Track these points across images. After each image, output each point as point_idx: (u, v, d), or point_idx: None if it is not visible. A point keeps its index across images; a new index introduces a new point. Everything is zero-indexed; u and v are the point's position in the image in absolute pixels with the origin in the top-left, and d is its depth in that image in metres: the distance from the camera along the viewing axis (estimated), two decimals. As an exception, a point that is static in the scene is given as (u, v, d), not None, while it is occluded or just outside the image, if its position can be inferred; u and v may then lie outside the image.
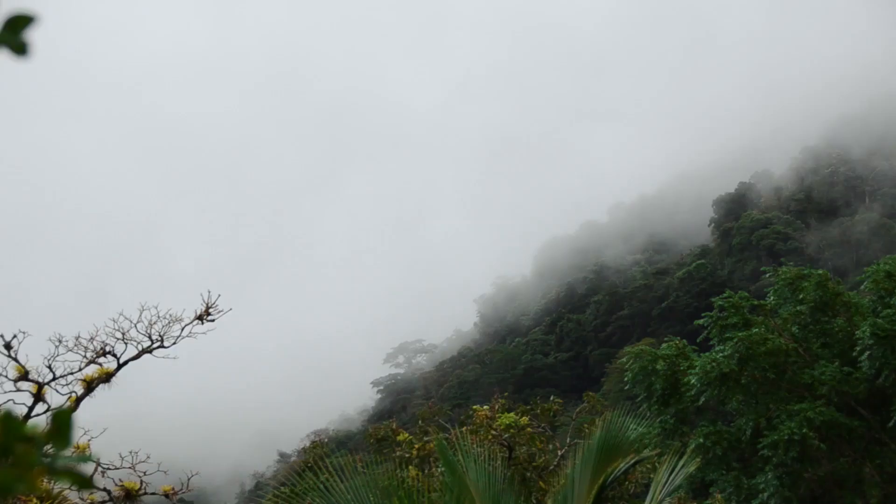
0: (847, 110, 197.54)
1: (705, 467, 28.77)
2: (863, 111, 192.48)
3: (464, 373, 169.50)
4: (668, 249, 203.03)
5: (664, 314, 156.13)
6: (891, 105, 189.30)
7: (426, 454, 21.43)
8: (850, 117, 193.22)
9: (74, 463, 1.87)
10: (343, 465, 10.10)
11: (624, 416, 11.28)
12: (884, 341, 27.82)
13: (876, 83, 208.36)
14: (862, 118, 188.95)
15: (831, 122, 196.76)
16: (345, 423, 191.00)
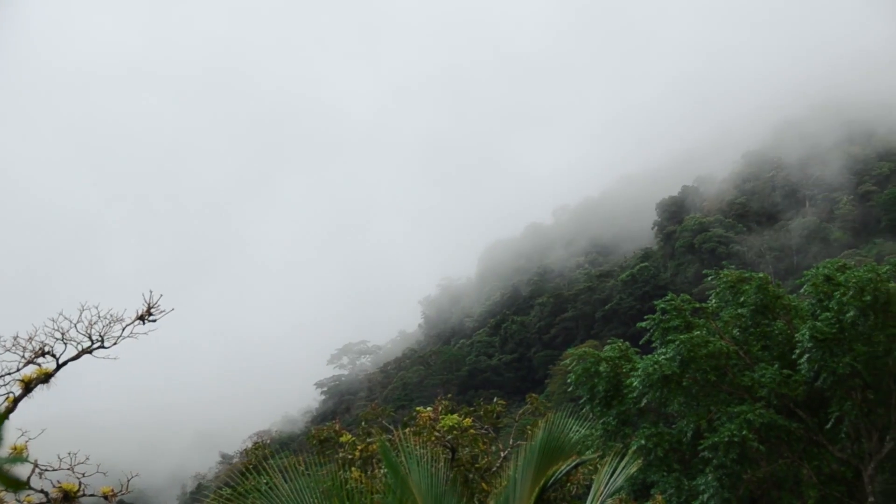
0: (787, 116, 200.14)
1: (647, 469, 28.97)
2: (802, 117, 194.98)
3: (408, 374, 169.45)
4: (611, 252, 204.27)
5: (608, 316, 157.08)
6: (829, 112, 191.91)
7: (369, 455, 21.35)
8: (790, 123, 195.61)
9: (9, 464, 1.84)
10: (285, 467, 10.05)
11: (566, 417, 11.31)
12: (822, 344, 28.17)
13: (816, 90, 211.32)
14: (801, 124, 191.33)
15: (772, 128, 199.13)
16: (288, 424, 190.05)
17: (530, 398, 27.26)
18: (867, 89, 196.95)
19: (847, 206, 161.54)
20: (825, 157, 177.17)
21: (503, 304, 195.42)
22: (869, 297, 28.20)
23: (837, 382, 28.34)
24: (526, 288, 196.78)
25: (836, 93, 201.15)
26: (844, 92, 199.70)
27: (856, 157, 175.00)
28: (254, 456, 26.95)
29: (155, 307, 13.64)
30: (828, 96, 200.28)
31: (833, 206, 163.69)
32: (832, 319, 28.65)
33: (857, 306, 28.29)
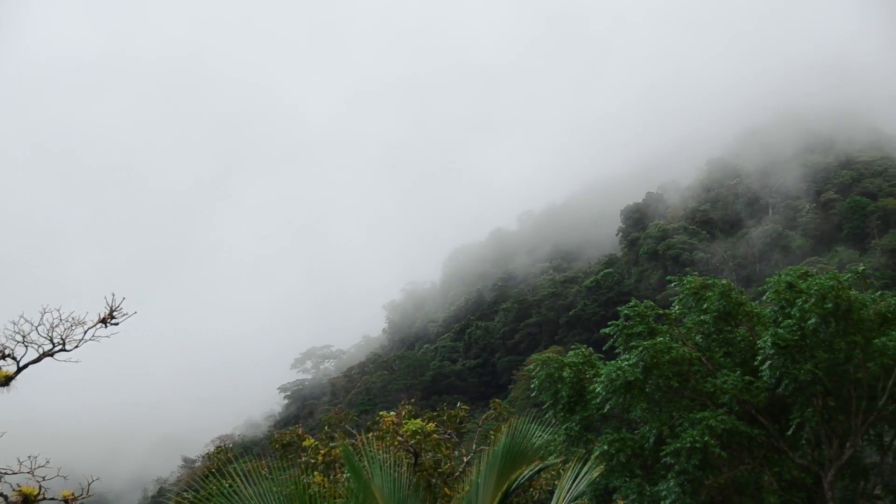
0: (750, 125, 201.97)
1: (609, 474, 29.02)
2: (765, 126, 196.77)
3: (371, 379, 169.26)
4: (576, 258, 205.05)
5: (572, 322, 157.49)
6: (789, 121, 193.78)
7: (332, 460, 21.30)
8: (752, 132, 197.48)
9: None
10: (248, 471, 9.98)
11: (529, 422, 11.31)
12: (784, 351, 28.32)
13: (778, 100, 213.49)
14: (764, 133, 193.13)
15: (735, 136, 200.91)
16: (251, 428, 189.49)
17: (494, 403, 27.30)
18: (827, 99, 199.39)
19: (809, 214, 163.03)
20: (787, 166, 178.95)
21: (467, 310, 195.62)
22: (830, 304, 28.37)
23: (799, 389, 28.50)
24: (490, 293, 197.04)
25: (797, 103, 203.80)
26: (804, 102, 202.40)
27: (816, 165, 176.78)
28: (216, 460, 26.81)
29: (117, 310, 13.52)
30: (789, 106, 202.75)
31: (795, 213, 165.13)
32: (794, 326, 28.79)
33: (819, 314, 28.45)
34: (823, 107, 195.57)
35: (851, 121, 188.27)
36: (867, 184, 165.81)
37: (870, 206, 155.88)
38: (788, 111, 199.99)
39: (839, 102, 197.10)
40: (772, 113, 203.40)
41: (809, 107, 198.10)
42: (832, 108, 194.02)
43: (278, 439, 24.12)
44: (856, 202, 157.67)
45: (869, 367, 29.31)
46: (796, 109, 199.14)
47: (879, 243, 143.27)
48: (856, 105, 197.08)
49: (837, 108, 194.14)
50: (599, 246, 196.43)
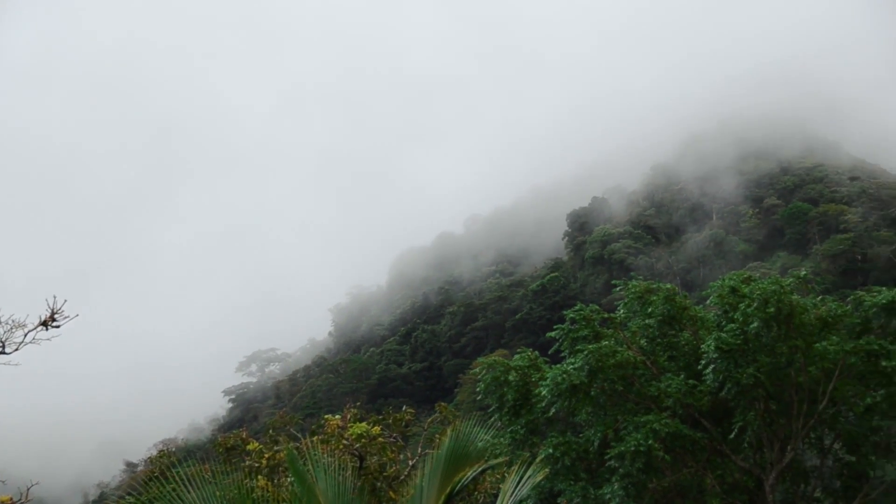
0: (694, 130, 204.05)
1: (554, 477, 29.07)
2: (708, 131, 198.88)
3: (317, 382, 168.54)
4: (522, 262, 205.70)
5: (518, 326, 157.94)
6: (737, 125, 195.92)
7: (276, 464, 21.11)
8: (696, 137, 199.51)
9: None
10: (191, 475, 9.89)
11: (474, 425, 11.32)
12: (727, 355, 28.55)
13: (725, 103, 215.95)
14: (706, 138, 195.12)
15: (680, 141, 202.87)
16: (194, 432, 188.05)
17: (439, 407, 27.23)
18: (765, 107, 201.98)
19: (752, 219, 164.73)
20: (730, 171, 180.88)
21: (414, 313, 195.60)
22: (772, 308, 28.65)
23: (741, 393, 28.72)
24: (436, 297, 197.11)
25: (736, 110, 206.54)
26: (743, 110, 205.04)
27: (759, 171, 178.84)
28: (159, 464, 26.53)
29: (58, 313, 13.34)
30: (730, 113, 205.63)
31: (739, 218, 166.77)
32: (737, 331, 29.04)
33: (761, 318, 28.71)
34: (762, 115, 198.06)
35: (789, 128, 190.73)
36: (808, 190, 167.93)
37: (811, 211, 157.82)
38: (729, 118, 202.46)
39: (777, 110, 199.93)
40: (713, 120, 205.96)
41: (748, 114, 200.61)
42: (770, 116, 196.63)
43: (222, 443, 23.84)
44: (797, 208, 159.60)
45: (810, 371, 29.66)
46: (736, 117, 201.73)
47: (820, 249, 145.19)
48: (793, 112, 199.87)
49: (775, 115, 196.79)
50: (545, 250, 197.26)
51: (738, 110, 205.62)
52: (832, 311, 30.27)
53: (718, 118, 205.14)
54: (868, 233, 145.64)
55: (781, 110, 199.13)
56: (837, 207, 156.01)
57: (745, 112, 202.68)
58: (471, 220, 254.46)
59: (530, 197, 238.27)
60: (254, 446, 22.43)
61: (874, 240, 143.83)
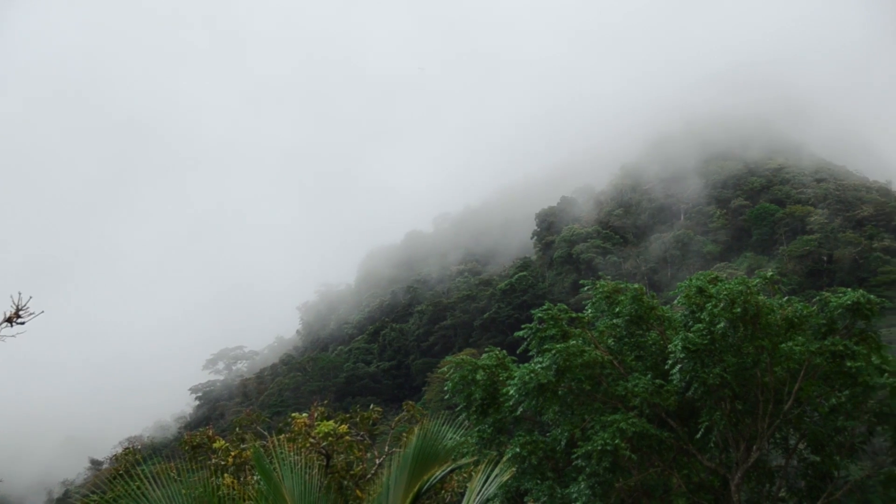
0: (663, 130, 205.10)
1: (521, 476, 29.11)
2: (678, 131, 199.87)
3: (284, 380, 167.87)
4: (491, 261, 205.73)
5: (486, 325, 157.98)
6: (703, 127, 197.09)
7: (242, 462, 21.07)
8: (665, 137, 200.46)
9: None
10: (156, 473, 9.84)
11: (442, 424, 11.32)
12: (694, 355, 28.67)
13: (691, 105, 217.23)
14: (678, 138, 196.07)
15: (649, 142, 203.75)
16: (160, 430, 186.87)
17: (407, 405, 27.24)
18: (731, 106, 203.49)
19: (719, 219, 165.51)
20: (696, 172, 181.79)
21: (382, 311, 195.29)
22: (739, 309, 28.80)
23: (707, 393, 28.86)
24: (405, 295, 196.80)
25: (705, 110, 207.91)
26: (710, 109, 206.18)
27: (726, 172, 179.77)
28: (124, 461, 26.40)
29: (23, 309, 13.21)
30: (697, 113, 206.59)
31: (706, 219, 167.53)
32: (703, 331, 29.17)
33: (728, 318, 28.86)
34: (728, 116, 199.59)
35: (754, 129, 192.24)
36: (775, 191, 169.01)
37: (778, 212, 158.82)
38: (695, 120, 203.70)
39: (743, 112, 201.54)
40: (680, 121, 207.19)
41: (714, 116, 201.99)
42: (736, 118, 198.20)
43: (188, 441, 23.75)
44: (763, 209, 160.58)
45: (776, 371, 29.84)
46: (702, 119, 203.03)
47: (787, 249, 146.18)
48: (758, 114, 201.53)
49: (741, 117, 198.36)
50: (514, 249, 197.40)
51: (704, 112, 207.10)
52: (798, 312, 30.45)
53: (685, 120, 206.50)
54: (834, 234, 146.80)
55: (747, 112, 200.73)
56: (804, 209, 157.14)
57: (711, 114, 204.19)
58: (440, 218, 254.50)
59: (500, 196, 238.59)
60: (220, 444, 22.36)
61: (840, 241, 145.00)
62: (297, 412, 23.67)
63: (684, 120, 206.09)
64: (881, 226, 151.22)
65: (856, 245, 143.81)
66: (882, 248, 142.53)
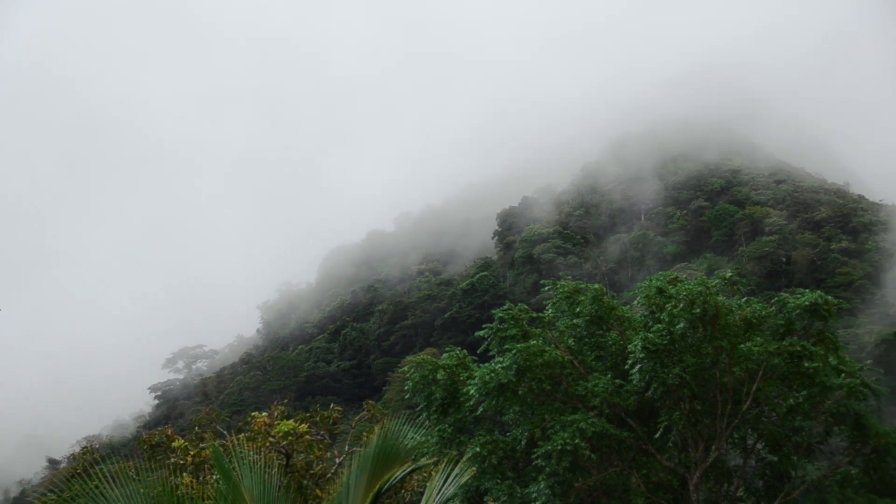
0: (625, 131, 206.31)
1: (481, 476, 29.11)
2: (639, 133, 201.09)
3: (245, 379, 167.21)
4: (452, 261, 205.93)
5: (447, 325, 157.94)
6: (662, 128, 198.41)
7: (201, 461, 20.97)
8: (627, 138, 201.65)
9: None
10: (115, 472, 9.75)
11: (402, 424, 11.31)
12: (653, 355, 28.79)
13: (651, 106, 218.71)
14: (637, 139, 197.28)
15: (610, 142, 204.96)
16: (119, 429, 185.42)
17: (367, 405, 27.24)
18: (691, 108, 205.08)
19: (680, 220, 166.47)
20: (657, 172, 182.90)
21: (343, 311, 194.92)
22: (698, 309, 28.96)
23: (667, 393, 28.99)
24: (366, 295, 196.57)
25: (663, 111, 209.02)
26: (669, 110, 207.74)
27: (687, 172, 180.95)
28: (82, 461, 26.19)
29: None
30: (657, 114, 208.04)
31: (667, 220, 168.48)
32: (663, 331, 29.29)
33: (687, 318, 29.01)
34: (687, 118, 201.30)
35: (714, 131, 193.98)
36: (735, 192, 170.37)
37: (738, 213, 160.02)
38: (655, 121, 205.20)
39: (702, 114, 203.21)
40: (640, 122, 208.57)
41: (673, 118, 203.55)
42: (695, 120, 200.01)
43: (147, 440, 23.62)
44: (723, 210, 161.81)
45: (734, 371, 30.05)
46: (661, 120, 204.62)
47: (746, 250, 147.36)
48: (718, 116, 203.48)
49: (700, 119, 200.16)
50: (476, 248, 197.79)
51: (662, 115, 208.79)
52: (756, 313, 30.67)
53: (645, 121, 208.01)
54: (792, 235, 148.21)
55: (704, 115, 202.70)
56: (762, 210, 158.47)
57: (669, 116, 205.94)
58: (401, 217, 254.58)
59: (461, 195, 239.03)
60: (179, 443, 22.25)
61: (798, 242, 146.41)
62: (257, 411, 23.58)
63: (643, 122, 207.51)
64: (839, 227, 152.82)
65: (814, 246, 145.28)
66: (840, 249, 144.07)
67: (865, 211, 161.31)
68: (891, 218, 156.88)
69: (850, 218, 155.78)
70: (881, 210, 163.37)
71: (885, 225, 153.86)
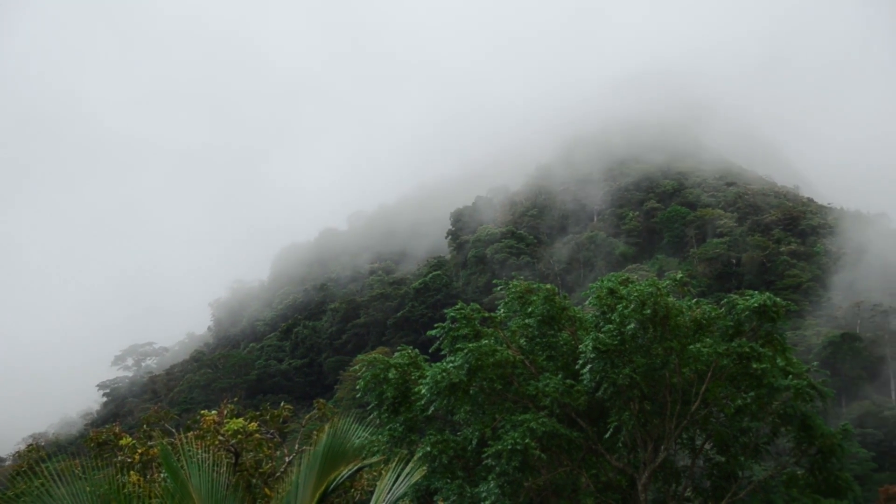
0: (577, 133, 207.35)
1: (431, 475, 29.11)
2: (592, 134, 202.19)
3: (195, 377, 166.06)
4: (405, 259, 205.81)
5: (399, 323, 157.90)
6: (616, 130, 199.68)
7: (149, 459, 20.80)
8: (579, 139, 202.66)
9: None
10: (61, 470, 9.65)
11: (352, 423, 11.28)
12: (604, 355, 28.92)
13: (602, 109, 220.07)
14: (593, 140, 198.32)
15: (564, 143, 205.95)
16: (66, 426, 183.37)
17: (318, 403, 27.10)
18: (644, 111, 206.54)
19: (632, 221, 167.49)
20: (610, 174, 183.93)
21: (295, 309, 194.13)
22: (649, 310, 29.12)
23: (617, 393, 29.12)
24: (318, 293, 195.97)
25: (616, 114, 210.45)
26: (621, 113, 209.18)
27: (637, 173, 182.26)
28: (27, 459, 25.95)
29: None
30: (609, 117, 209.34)
31: (619, 221, 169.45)
32: (614, 331, 29.41)
33: (638, 319, 29.15)
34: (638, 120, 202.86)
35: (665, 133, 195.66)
36: (687, 194, 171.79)
37: (689, 215, 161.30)
38: (608, 123, 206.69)
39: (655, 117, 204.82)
40: (593, 125, 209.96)
41: (625, 120, 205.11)
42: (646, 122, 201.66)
43: (93, 438, 23.38)
44: (675, 212, 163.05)
45: (684, 372, 30.25)
46: (614, 122, 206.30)
47: (697, 252, 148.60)
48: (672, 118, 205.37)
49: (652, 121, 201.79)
50: (428, 248, 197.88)
51: (612, 117, 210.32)
52: (706, 314, 30.92)
53: (594, 124, 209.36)
54: (742, 238, 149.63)
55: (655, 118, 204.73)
56: (713, 212, 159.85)
57: (618, 119, 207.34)
58: (355, 216, 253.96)
59: (415, 194, 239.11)
60: (127, 441, 22.05)
61: (748, 244, 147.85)
62: (207, 409, 23.42)
63: (593, 125, 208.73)
64: (788, 230, 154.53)
65: (763, 249, 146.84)
66: (788, 252, 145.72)
67: (814, 214, 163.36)
68: (839, 221, 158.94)
69: (799, 221, 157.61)
70: (829, 213, 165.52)
71: (833, 228, 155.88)
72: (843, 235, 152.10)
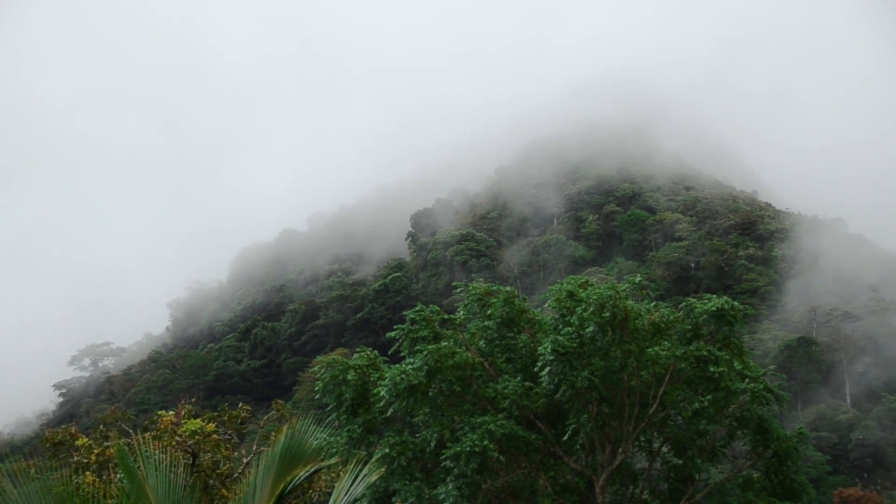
0: (538, 135, 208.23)
1: (389, 477, 29.08)
2: (552, 137, 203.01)
3: (153, 378, 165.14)
4: (365, 261, 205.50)
5: (359, 325, 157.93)
6: (575, 133, 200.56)
7: (106, 460, 20.64)
8: (542, 141, 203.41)
9: None
10: (15, 471, 9.58)
11: (310, 424, 11.29)
12: (563, 358, 29.00)
13: (563, 113, 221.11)
14: (553, 143, 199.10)
15: (524, 145, 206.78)
16: (21, 426, 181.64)
17: (276, 404, 27.02)
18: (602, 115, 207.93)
19: (592, 224, 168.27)
20: (570, 177, 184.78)
21: (254, 310, 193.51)
22: (608, 313, 29.23)
23: (575, 395, 29.22)
24: (278, 294, 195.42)
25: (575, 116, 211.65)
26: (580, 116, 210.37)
27: (596, 178, 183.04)
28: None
29: None
30: (569, 120, 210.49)
31: (579, 224, 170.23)
32: (573, 334, 29.50)
33: (597, 322, 29.25)
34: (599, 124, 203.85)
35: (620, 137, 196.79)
36: (647, 198, 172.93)
37: (648, 219, 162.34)
38: (567, 126, 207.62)
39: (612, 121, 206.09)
40: (554, 127, 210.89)
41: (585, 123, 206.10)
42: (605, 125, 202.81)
43: (49, 438, 23.16)
44: (635, 215, 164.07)
45: (642, 375, 30.41)
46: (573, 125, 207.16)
47: (656, 256, 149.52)
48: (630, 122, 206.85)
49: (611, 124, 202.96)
50: (390, 249, 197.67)
51: (570, 121, 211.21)
52: (665, 317, 31.11)
53: (555, 127, 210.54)
54: (701, 242, 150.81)
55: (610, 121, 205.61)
56: (672, 216, 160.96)
57: (575, 123, 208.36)
58: (314, 217, 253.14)
59: (375, 196, 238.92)
60: (83, 442, 21.88)
61: (706, 248, 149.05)
62: (165, 410, 23.28)
63: (557, 126, 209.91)
64: (746, 234, 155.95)
65: (721, 253, 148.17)
66: (746, 256, 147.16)
67: (772, 219, 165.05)
68: (796, 226, 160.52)
69: (757, 225, 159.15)
70: (787, 218, 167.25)
71: (790, 233, 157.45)
72: (800, 240, 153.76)
